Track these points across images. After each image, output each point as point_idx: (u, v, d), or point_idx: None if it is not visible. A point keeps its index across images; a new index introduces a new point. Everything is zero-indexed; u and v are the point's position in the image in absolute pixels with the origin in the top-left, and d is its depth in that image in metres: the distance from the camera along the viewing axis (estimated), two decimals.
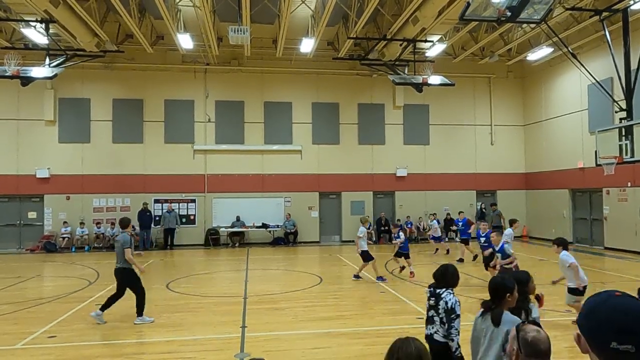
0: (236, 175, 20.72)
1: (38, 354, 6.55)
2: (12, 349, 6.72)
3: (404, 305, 9.15)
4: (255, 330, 7.54)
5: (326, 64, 20.78)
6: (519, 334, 2.22)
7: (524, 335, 2.19)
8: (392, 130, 21.96)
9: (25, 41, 17.46)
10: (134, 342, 7.05)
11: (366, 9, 14.69)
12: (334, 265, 15.19)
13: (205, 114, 20.74)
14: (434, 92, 20.66)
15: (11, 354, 6.55)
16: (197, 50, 19.06)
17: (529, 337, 2.18)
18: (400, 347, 2.31)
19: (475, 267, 13.86)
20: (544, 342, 2.18)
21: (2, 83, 17.33)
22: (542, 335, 2.20)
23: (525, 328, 2.23)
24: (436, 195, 21.82)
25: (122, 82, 20.24)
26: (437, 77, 16.39)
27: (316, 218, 21.29)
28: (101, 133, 20.07)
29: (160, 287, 11.33)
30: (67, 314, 8.66)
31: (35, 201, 19.74)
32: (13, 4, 14.06)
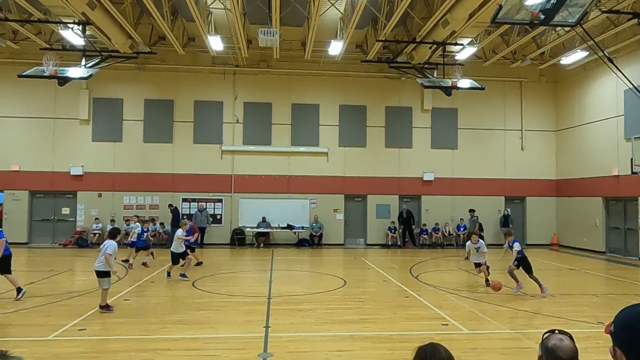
0: (263, 176, 20.89)
1: (69, 346, 6.74)
2: (45, 340, 6.94)
3: (429, 311, 9.05)
4: (279, 330, 7.58)
5: (354, 66, 20.77)
6: (543, 342, 2.17)
7: (546, 342, 2.14)
8: (420, 133, 21.77)
9: (63, 42, 18.06)
10: (160, 338, 7.18)
11: (396, 11, 14.62)
12: (358, 268, 15.14)
13: (233, 115, 21.01)
14: (463, 96, 20.41)
15: (44, 344, 6.77)
16: (226, 52, 19.33)
17: (550, 344, 2.12)
18: (432, 354, 2.26)
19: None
20: (566, 351, 2.11)
21: (40, 83, 17.93)
22: (564, 343, 2.13)
23: (551, 336, 2.18)
24: (463, 200, 21.50)
25: (154, 83, 20.69)
26: (467, 81, 16.16)
27: (341, 220, 21.28)
28: (133, 132, 20.56)
29: (187, 284, 11.51)
30: (96, 308, 8.88)
31: (69, 197, 20.36)
32: (52, 6, 14.56)
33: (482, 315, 8.70)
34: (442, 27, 15.33)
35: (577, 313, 8.96)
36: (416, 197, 21.82)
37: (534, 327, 8.08)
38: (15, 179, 19.97)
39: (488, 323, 8.18)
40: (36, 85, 18.74)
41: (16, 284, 9.68)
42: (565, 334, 2.22)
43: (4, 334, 7.26)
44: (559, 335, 2.19)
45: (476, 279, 13.14)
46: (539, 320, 8.39)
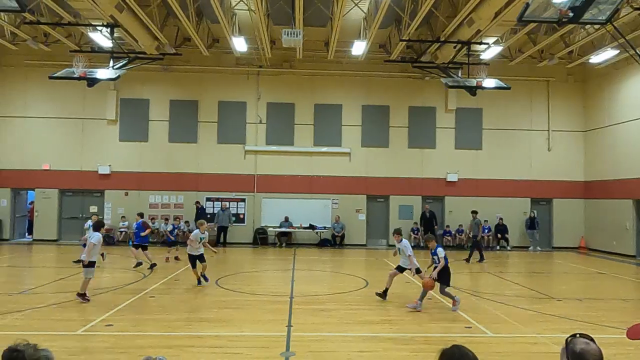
0: (285, 176, 21.00)
1: (96, 341, 6.91)
2: (74, 335, 7.13)
3: (452, 313, 8.95)
4: (301, 330, 7.61)
5: (377, 66, 20.69)
6: (568, 347, 2.14)
7: (573, 347, 2.11)
8: (443, 134, 21.54)
9: (92, 45, 18.51)
10: (184, 335, 7.29)
11: (420, 11, 14.51)
12: (381, 269, 15.06)
13: (256, 115, 21.17)
14: (488, 96, 20.11)
15: (73, 339, 6.95)
16: (250, 53, 19.50)
17: (578, 349, 2.09)
18: (461, 356, 2.23)
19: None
20: (594, 354, 2.08)
21: (70, 84, 18.40)
22: (591, 347, 2.10)
23: (575, 340, 2.15)
24: (488, 201, 21.18)
25: (179, 84, 21.01)
26: (492, 81, 15.92)
27: (363, 221, 21.22)
28: (158, 132, 20.92)
29: (211, 283, 11.65)
30: (123, 305, 9.09)
31: (97, 196, 20.85)
32: (82, 9, 14.93)
33: (507, 318, 8.57)
34: (467, 26, 15.14)
35: (606, 318, 8.74)
36: (439, 198, 21.60)
37: (561, 332, 7.91)
38: (45, 177, 20.55)
39: (513, 326, 8.05)
40: (66, 86, 19.24)
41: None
42: (587, 337, 2.19)
43: (35, 328, 7.49)
44: (584, 338, 2.16)
45: (501, 281, 12.95)
46: (566, 324, 8.21)
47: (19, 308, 8.70)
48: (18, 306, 8.85)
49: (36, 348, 1.91)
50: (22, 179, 20.54)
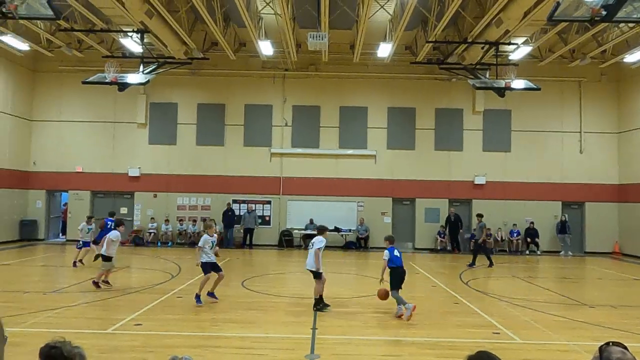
0: (311, 179, 21.06)
1: (126, 340, 7.07)
2: (104, 333, 7.31)
3: (479, 319, 8.80)
4: (326, 332, 7.61)
5: (403, 68, 20.57)
6: (602, 355, 2.07)
7: (608, 356, 2.04)
8: (471, 136, 21.23)
9: (123, 50, 18.99)
10: (211, 335, 7.38)
11: (447, 12, 14.36)
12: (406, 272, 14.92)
13: (282, 118, 21.32)
14: (517, 97, 19.74)
15: (103, 337, 7.13)
16: (276, 56, 19.65)
17: (614, 357, 2.03)
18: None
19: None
20: None
21: (102, 89, 18.90)
22: (628, 357, 2.03)
23: (610, 349, 2.08)
24: (517, 205, 20.77)
25: (207, 88, 21.35)
26: (521, 81, 15.60)
27: (389, 224, 21.08)
28: (186, 136, 21.29)
29: (237, 284, 11.77)
30: (151, 304, 9.27)
31: (127, 198, 21.35)
32: (114, 16, 15.37)
33: (537, 324, 8.37)
34: (496, 27, 14.90)
35: (632, 324, 8.44)
36: (467, 201, 21.28)
37: (594, 340, 7.67)
38: (78, 179, 21.17)
39: (543, 333, 7.86)
40: (98, 91, 19.79)
41: None
42: (621, 345, 2.12)
43: (68, 326, 7.71)
44: (618, 347, 2.09)
45: (530, 287, 12.66)
46: (599, 332, 7.96)
47: (53, 306, 8.97)
48: (52, 304, 9.13)
49: (71, 345, 1.99)
50: (56, 181, 21.22)
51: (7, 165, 19.85)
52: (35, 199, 21.15)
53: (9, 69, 19.81)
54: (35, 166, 21.27)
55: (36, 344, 2.03)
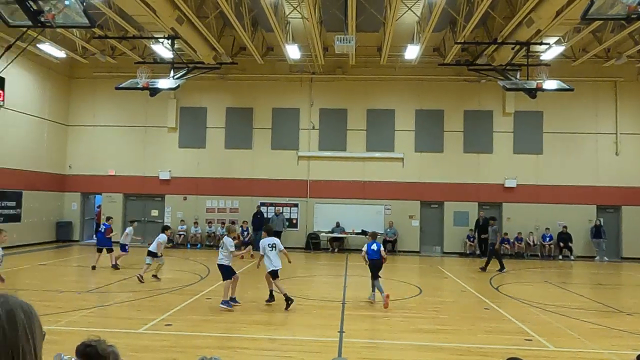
0: (338, 182, 21.05)
1: (157, 340, 7.21)
2: (136, 333, 7.47)
3: (510, 325, 8.60)
4: (353, 336, 7.58)
5: (431, 70, 20.37)
6: None
7: None
8: (501, 138, 20.83)
9: (154, 56, 19.44)
10: (239, 337, 7.46)
11: (476, 12, 14.15)
12: (435, 277, 14.76)
13: (309, 121, 21.40)
14: (549, 98, 19.29)
15: (135, 337, 7.29)
16: (303, 60, 19.76)
17: None
18: None
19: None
20: None
21: (134, 94, 19.40)
22: None
23: None
24: (549, 208, 20.24)
25: (235, 92, 21.63)
26: (554, 82, 15.22)
27: (417, 227, 20.87)
28: (215, 139, 21.62)
29: (264, 286, 11.84)
30: (181, 305, 9.43)
31: (157, 200, 21.81)
32: (146, 23, 15.78)
33: (571, 332, 8.13)
34: (526, 27, 14.60)
35: None
36: (497, 205, 20.87)
37: (631, 348, 7.40)
38: (111, 182, 21.75)
39: (577, 341, 7.63)
40: (130, 96, 20.31)
41: None
42: None
43: (101, 325, 7.92)
44: None
45: (564, 293, 12.31)
46: (636, 340, 7.67)
47: (87, 306, 9.23)
48: (86, 304, 9.40)
49: (106, 344, 2.05)
50: (90, 184, 21.86)
51: (44, 168, 20.57)
52: (70, 202, 21.84)
53: (46, 76, 20.55)
54: (71, 169, 21.97)
55: (71, 342, 2.09)
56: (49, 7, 8.72)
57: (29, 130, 19.63)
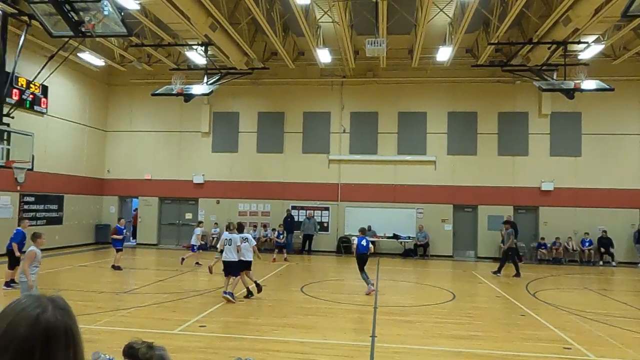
0: (369, 185, 20.96)
1: (191, 340, 7.35)
2: (171, 334, 7.64)
3: (548, 332, 8.35)
4: (385, 341, 7.52)
5: (463, 71, 20.06)
6: None
7: None
8: (537, 140, 20.29)
9: (188, 63, 19.89)
10: (271, 339, 7.52)
11: (510, 12, 13.86)
12: (469, 282, 14.48)
13: (340, 125, 21.41)
14: (587, 98, 18.68)
15: (170, 337, 7.46)
16: (334, 63, 19.80)
17: None
18: None
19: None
20: None
21: (169, 100, 19.89)
22: None
23: None
24: (589, 212, 19.55)
25: (266, 97, 21.88)
26: (592, 82, 14.73)
27: (450, 231, 20.54)
28: (247, 144, 21.91)
29: (296, 289, 11.92)
30: (215, 307, 9.58)
31: (191, 204, 22.25)
32: (180, 30, 16.18)
33: (612, 340, 7.82)
34: (563, 25, 14.20)
35: None
36: (533, 209, 20.32)
37: None
38: (147, 186, 22.34)
39: (619, 350, 7.33)
40: (166, 102, 20.82)
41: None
42: None
43: (138, 325, 8.14)
44: None
45: (605, 300, 11.87)
46: None
47: (125, 306, 9.50)
48: (123, 304, 9.68)
49: (150, 346, 2.04)
50: (127, 187, 22.52)
51: (84, 173, 21.32)
52: (108, 205, 22.54)
53: (86, 84, 21.32)
54: (109, 174, 22.69)
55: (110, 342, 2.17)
56: (89, 18, 9.07)
57: (70, 136, 20.40)
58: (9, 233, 12.37)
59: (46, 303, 1.21)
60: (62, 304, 1.24)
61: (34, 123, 17.43)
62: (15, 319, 1.15)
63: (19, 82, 16.73)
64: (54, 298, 1.24)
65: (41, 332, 1.15)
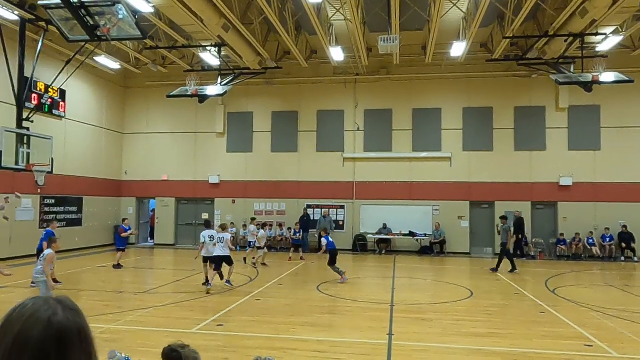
0: (384, 183, 20.88)
1: (209, 339, 7.41)
2: (189, 333, 7.71)
3: (569, 329, 8.23)
4: (403, 339, 7.49)
5: (478, 66, 19.85)
6: None
7: None
8: (555, 134, 19.98)
9: (202, 64, 20.04)
10: (288, 338, 7.54)
11: (525, 5, 13.67)
12: (486, 279, 14.33)
13: (354, 123, 21.36)
14: (606, 91, 18.32)
15: (188, 336, 7.52)
16: (347, 61, 19.76)
17: None
18: None
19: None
20: None
21: (184, 101, 20.07)
22: None
23: None
24: (609, 207, 19.20)
25: (280, 96, 21.93)
26: (611, 74, 14.44)
27: (466, 228, 20.36)
28: (262, 143, 22.00)
29: (312, 288, 11.93)
30: (232, 306, 9.65)
31: (208, 204, 22.42)
32: (194, 32, 16.31)
33: (635, 337, 7.67)
34: (580, 17, 13.95)
35: None
36: (551, 204, 20.02)
37: None
38: (164, 187, 22.58)
39: None
40: (181, 103, 21.02)
41: None
42: None
43: (157, 325, 8.23)
44: None
45: (627, 296, 11.65)
46: None
47: (144, 306, 9.62)
48: (143, 304, 9.80)
49: (190, 349, 2.07)
50: (145, 188, 22.79)
51: (102, 175, 21.64)
52: (126, 206, 22.84)
53: (102, 87, 21.63)
54: (127, 175, 22.99)
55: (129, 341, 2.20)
56: (104, 22, 9.19)
57: (88, 138, 20.72)
58: (31, 235, 12.66)
59: (55, 305, 1.20)
60: (72, 304, 1.23)
61: (52, 127, 17.76)
62: (27, 322, 1.15)
63: (38, 87, 17.10)
64: (61, 299, 1.23)
65: (54, 334, 1.14)
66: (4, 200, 13.15)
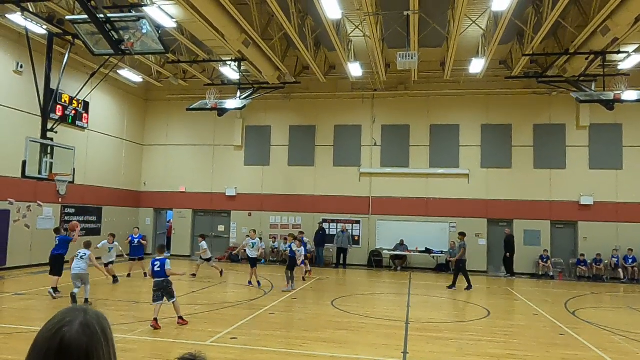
0: (400, 199, 20.77)
1: (223, 352, 7.40)
2: (203, 345, 7.71)
3: (590, 353, 8.01)
4: (417, 357, 7.38)
5: (497, 83, 19.76)
6: None
7: None
8: (575, 152, 19.69)
9: (222, 78, 20.34)
10: (301, 353, 7.48)
11: (545, 22, 13.61)
12: (504, 298, 14.08)
13: (371, 138, 21.37)
14: (628, 109, 18.07)
15: (202, 349, 7.47)
16: (365, 77, 19.85)
17: None
18: None
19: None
20: None
21: (203, 114, 20.37)
22: None
23: None
24: (632, 227, 18.76)
25: (298, 110, 22.10)
26: (634, 92, 14.24)
27: (484, 246, 20.07)
28: (279, 157, 22.13)
29: (327, 303, 11.86)
30: (246, 320, 9.63)
31: (224, 216, 22.56)
32: (215, 47, 16.61)
33: None
34: (602, 35, 13.81)
35: None
36: (572, 224, 19.65)
37: None
38: (181, 199, 22.81)
39: None
40: (200, 116, 21.34)
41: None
42: None
43: (172, 336, 8.26)
44: None
45: None
46: None
47: (159, 317, 9.64)
48: (158, 315, 9.82)
49: (197, 356, 2.07)
50: (162, 200, 23.06)
51: (122, 185, 21.98)
52: (144, 217, 23.11)
53: (125, 99, 22.09)
54: (146, 186, 23.31)
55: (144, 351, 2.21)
56: (128, 36, 9.44)
57: (109, 150, 21.11)
58: (51, 243, 12.86)
59: (75, 318, 1.20)
60: (91, 321, 1.23)
61: (75, 137, 18.14)
62: (43, 328, 1.19)
63: (63, 99, 17.53)
64: (87, 313, 1.24)
65: (56, 346, 1.15)
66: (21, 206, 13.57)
